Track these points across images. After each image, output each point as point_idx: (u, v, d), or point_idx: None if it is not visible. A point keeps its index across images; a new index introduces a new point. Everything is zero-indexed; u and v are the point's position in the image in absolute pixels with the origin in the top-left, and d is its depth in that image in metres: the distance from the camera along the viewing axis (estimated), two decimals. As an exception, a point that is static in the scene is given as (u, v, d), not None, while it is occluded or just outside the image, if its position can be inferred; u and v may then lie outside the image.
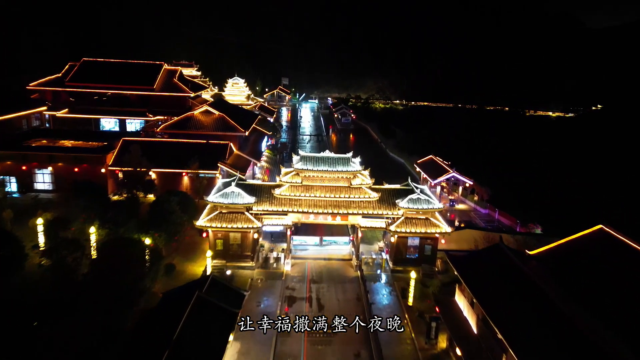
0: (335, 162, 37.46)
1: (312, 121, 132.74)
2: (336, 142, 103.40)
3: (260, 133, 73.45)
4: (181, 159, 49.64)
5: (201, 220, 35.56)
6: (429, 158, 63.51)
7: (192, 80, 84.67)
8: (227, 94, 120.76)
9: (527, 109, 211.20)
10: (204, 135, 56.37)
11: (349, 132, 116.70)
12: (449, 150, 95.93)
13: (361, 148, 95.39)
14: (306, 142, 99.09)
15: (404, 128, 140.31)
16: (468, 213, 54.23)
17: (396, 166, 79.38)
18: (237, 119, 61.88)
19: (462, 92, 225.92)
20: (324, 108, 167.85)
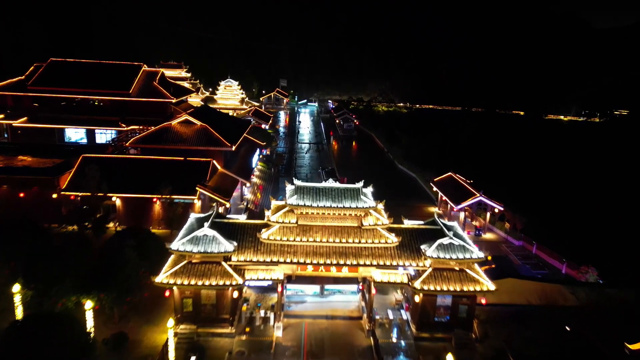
0: (341, 195, 28.81)
1: (312, 127, 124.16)
2: (338, 151, 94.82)
3: (252, 144, 64.81)
4: (153, 181, 40.99)
5: (162, 276, 26.90)
6: (447, 176, 54.84)
7: (175, 84, 75.99)
8: (219, 98, 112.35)
9: (545, 113, 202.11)
10: (183, 150, 47.73)
11: (352, 139, 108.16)
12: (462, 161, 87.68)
13: (366, 159, 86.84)
14: (305, 151, 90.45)
15: (409, 133, 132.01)
16: (499, 245, 45.59)
17: (406, 181, 70.74)
18: (223, 129, 53.23)
19: (468, 95, 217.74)
20: (324, 112, 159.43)
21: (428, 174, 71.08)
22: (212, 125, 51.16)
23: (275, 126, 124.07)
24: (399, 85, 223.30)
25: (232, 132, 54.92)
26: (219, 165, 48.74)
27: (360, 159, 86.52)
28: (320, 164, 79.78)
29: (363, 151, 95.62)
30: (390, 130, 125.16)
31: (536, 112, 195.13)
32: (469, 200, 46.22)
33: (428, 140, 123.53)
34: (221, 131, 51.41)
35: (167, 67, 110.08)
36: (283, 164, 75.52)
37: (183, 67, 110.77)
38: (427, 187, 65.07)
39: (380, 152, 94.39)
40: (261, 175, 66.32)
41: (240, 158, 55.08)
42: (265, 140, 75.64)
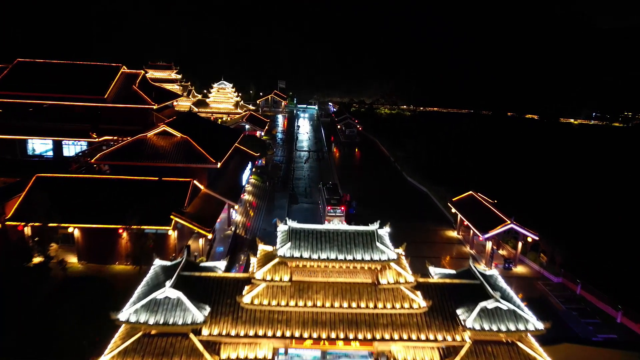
0: (350, 241, 21.81)
1: (311, 132, 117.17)
2: (339, 159, 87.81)
3: (243, 155, 57.81)
4: (120, 207, 34.09)
5: (105, 358, 19.82)
6: (467, 196, 47.87)
7: (159, 87, 69.05)
8: (212, 101, 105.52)
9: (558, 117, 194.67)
10: (159, 168, 40.72)
11: (355, 146, 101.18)
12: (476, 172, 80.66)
13: (370, 169, 79.77)
14: (304, 160, 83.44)
15: (414, 138, 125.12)
16: (533, 282, 38.59)
17: (418, 198, 63.65)
18: (209, 142, 46.27)
19: (474, 97, 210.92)
20: (325, 115, 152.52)
21: (441, 189, 64.20)
22: (195, 137, 44.14)
23: (272, 131, 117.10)
24: (402, 86, 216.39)
25: (219, 144, 47.90)
26: (202, 185, 41.77)
27: (365, 169, 79.44)
28: (321, 175, 72.79)
29: (367, 160, 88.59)
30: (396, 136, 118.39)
31: (551, 116, 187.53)
32: (498, 228, 39.21)
33: (437, 147, 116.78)
34: (206, 144, 44.41)
35: (155, 68, 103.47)
36: (279, 176, 68.51)
37: (173, 68, 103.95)
38: (441, 204, 58.08)
39: (386, 161, 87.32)
40: (254, 191, 59.31)
41: (228, 174, 48.02)
42: (260, 150, 68.65)
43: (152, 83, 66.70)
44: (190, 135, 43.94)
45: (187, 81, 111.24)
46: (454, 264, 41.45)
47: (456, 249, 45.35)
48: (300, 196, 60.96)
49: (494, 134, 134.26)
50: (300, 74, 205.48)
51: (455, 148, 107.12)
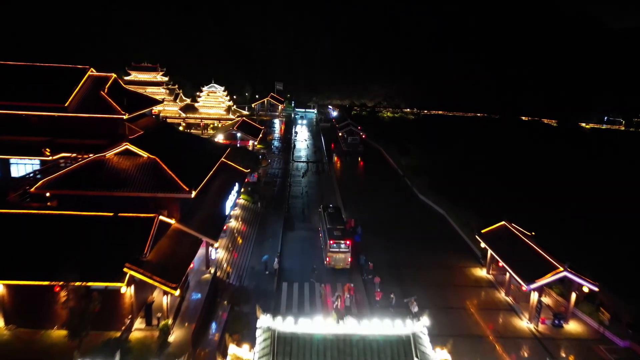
0: (372, 356, 13.63)
1: (310, 139, 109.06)
2: (341, 171, 79.70)
3: (230, 174, 49.69)
4: (60, 254, 26.07)
5: None
6: (500, 227, 39.84)
7: (136, 92, 61.05)
8: (201, 106, 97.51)
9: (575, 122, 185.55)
10: (119, 199, 32.65)
11: (357, 155, 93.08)
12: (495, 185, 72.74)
13: (377, 184, 71.53)
14: (301, 173, 75.34)
15: (419, 144, 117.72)
16: (594, 347, 30.50)
17: (434, 221, 55.50)
18: (184, 162, 38.24)
19: (481, 100, 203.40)
20: (325, 120, 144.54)
21: (459, 209, 56.14)
22: (167, 158, 36.01)
23: (267, 137, 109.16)
24: (405, 88, 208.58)
25: (197, 165, 39.74)
26: (173, 219, 33.67)
27: (369, 184, 71.23)
28: (321, 191, 64.68)
29: (372, 172, 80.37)
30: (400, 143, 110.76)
31: (570, 121, 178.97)
32: (548, 277, 31.16)
33: (448, 156, 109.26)
34: (180, 166, 36.31)
35: (139, 70, 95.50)
36: (273, 194, 60.30)
37: (159, 70, 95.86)
38: (463, 231, 50.03)
39: (393, 173, 79.10)
40: (242, 215, 51.18)
41: (208, 201, 39.83)
42: (252, 164, 60.50)
43: (125, 88, 58.56)
44: (161, 155, 35.79)
45: (174, 84, 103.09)
46: (485, 317, 33.46)
47: (487, 294, 37.29)
48: (296, 220, 52.83)
49: (512, 140, 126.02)
50: (298, 76, 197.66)
51: (469, 157, 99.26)
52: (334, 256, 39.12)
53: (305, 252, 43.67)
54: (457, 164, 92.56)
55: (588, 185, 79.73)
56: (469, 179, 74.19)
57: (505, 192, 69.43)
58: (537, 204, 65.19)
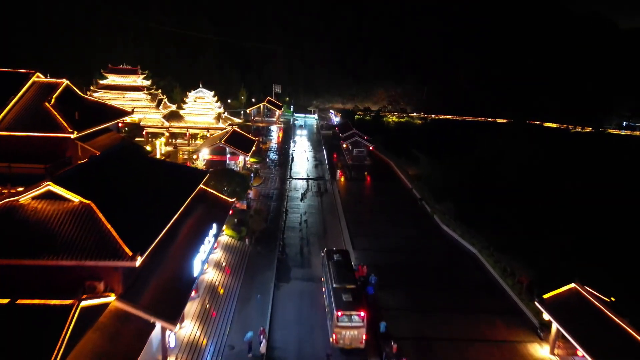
0: None
1: (311, 150, 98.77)
2: (346, 190, 69.27)
3: (208, 208, 39.53)
4: None
5: None
6: (569, 292, 29.60)
7: (96, 103, 50.89)
8: (188, 113, 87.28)
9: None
10: (31, 269, 22.45)
11: (364, 169, 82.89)
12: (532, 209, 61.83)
13: (389, 209, 61.00)
14: (300, 194, 64.97)
15: (427, 152, 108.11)
16: None
17: (464, 264, 45.09)
18: (135, 207, 27.95)
19: (492, 104, 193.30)
20: (326, 127, 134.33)
21: (494, 246, 45.84)
22: (109, 202, 25.78)
23: (262, 146, 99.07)
24: (411, 91, 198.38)
25: (155, 210, 29.31)
26: (113, 293, 23.45)
27: (381, 209, 60.50)
28: (323, 221, 54.40)
29: (382, 192, 69.81)
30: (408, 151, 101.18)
31: (599, 126, 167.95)
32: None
33: (461, 165, 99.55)
34: (127, 214, 26.15)
35: (117, 73, 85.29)
36: (265, 225, 49.95)
37: (139, 73, 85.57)
38: (504, 280, 39.70)
39: (408, 195, 68.57)
40: (225, 258, 40.91)
41: (170, 258, 29.43)
42: (240, 190, 50.21)
43: (84, 97, 48.42)
44: (100, 198, 25.52)
45: (157, 88, 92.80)
46: None
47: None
48: (293, 264, 42.63)
49: (536, 149, 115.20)
50: (297, 78, 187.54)
51: (492, 171, 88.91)
52: (343, 332, 28.90)
53: (304, 317, 33.47)
54: (478, 178, 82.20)
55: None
56: (498, 202, 63.69)
57: (546, 217, 59.05)
58: (599, 249, 48.91)
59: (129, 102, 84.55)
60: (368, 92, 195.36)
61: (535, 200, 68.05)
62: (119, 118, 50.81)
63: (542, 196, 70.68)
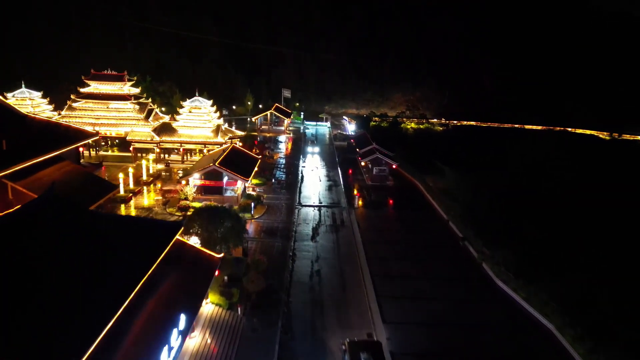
0: None
1: (324, 167, 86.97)
2: (365, 221, 57.38)
3: (184, 276, 28.32)
4: None
5: None
6: None
7: (44, 124, 40.05)
8: (182, 126, 76.47)
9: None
10: None
11: (386, 191, 71.01)
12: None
13: (421, 245, 49.37)
14: (311, 232, 53.24)
15: (451, 162, 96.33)
16: None
17: (539, 345, 32.82)
18: (59, 298, 16.37)
19: (520, 108, 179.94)
20: (340, 137, 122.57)
21: (575, 317, 33.59)
22: (16, 295, 14.30)
23: (268, 160, 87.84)
24: (431, 96, 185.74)
25: (96, 295, 17.84)
26: None
27: (413, 254, 48.26)
28: (340, 272, 42.58)
29: (411, 226, 57.44)
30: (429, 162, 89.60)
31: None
32: None
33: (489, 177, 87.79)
34: (47, 309, 14.61)
35: (100, 80, 74.82)
36: (264, 286, 38.17)
37: (125, 79, 74.90)
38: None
39: (442, 229, 56.50)
40: (206, 344, 29.37)
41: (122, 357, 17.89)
42: (232, 238, 38.62)
43: (23, 116, 37.45)
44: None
45: (147, 98, 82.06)
46: None
47: None
48: (301, 349, 31.04)
49: (585, 162, 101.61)
50: (308, 82, 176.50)
51: (533, 189, 76.51)
52: None
53: None
54: (515, 197, 69.83)
55: None
56: (554, 232, 51.21)
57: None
58: None
59: (113, 114, 74.15)
60: (384, 97, 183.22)
61: (611, 233, 55.24)
62: (78, 142, 39.77)
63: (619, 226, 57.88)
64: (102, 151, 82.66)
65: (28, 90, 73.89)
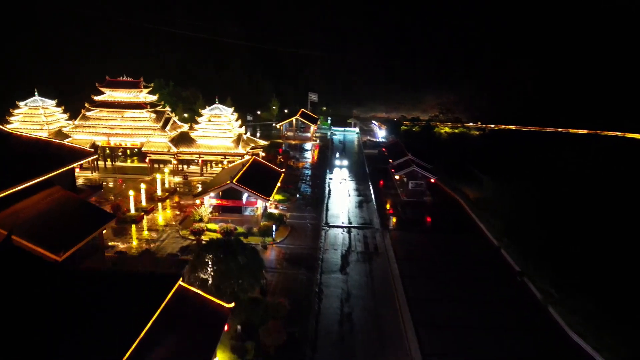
0: None
1: (352, 179, 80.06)
2: (401, 245, 50.23)
3: (185, 338, 22.01)
4: None
5: None
6: None
7: (32, 142, 34.87)
8: (200, 136, 71.41)
9: None
10: None
11: (424, 210, 63.54)
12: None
13: (475, 287, 41.44)
14: (340, 261, 46.56)
15: (489, 170, 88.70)
16: None
17: None
18: None
19: (563, 111, 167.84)
20: (370, 145, 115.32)
21: None
22: None
23: (293, 168, 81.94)
24: (467, 98, 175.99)
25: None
26: None
27: (462, 293, 40.67)
28: (376, 316, 35.79)
29: (456, 255, 49.87)
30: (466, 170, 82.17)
31: None
32: None
33: (532, 188, 79.96)
34: None
35: (115, 87, 70.59)
36: (284, 340, 31.54)
37: (141, 87, 70.44)
38: None
39: (492, 258, 48.82)
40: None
41: None
42: (245, 283, 32.43)
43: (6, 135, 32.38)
44: None
45: (164, 106, 77.47)
46: None
47: None
48: None
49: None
50: (336, 84, 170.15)
51: (585, 201, 67.53)
52: None
53: None
54: (565, 211, 61.14)
55: None
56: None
57: None
58: None
59: (128, 123, 69.77)
60: (416, 100, 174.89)
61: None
62: (72, 163, 34.55)
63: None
64: (120, 162, 78.86)
65: (41, 98, 70.51)
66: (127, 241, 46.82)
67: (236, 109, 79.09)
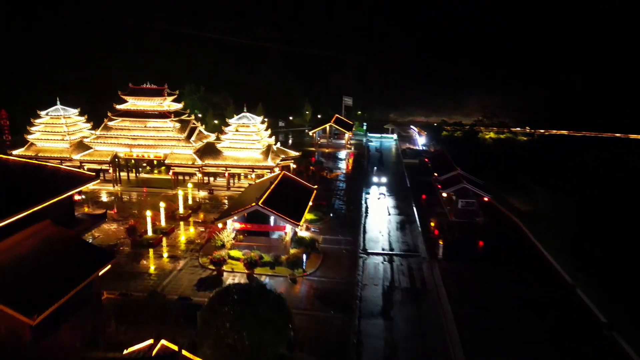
0: None
1: (392, 196, 72.53)
2: (457, 288, 42.71)
3: None
4: None
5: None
6: None
7: (23, 166, 29.84)
8: (227, 147, 66.30)
9: None
10: None
11: (477, 234, 55.56)
12: None
13: (551, 345, 33.66)
14: (381, 301, 39.68)
15: (540, 179, 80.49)
16: None
17: None
18: None
19: (620, 115, 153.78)
20: (410, 154, 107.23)
21: None
22: None
23: (327, 184, 75.63)
24: (512, 101, 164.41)
25: None
26: None
27: (531, 346, 33.23)
28: None
29: (517, 289, 42.25)
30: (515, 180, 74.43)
31: None
32: None
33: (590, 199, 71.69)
34: None
35: (137, 95, 66.52)
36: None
37: (165, 94, 66.05)
38: None
39: (566, 299, 40.58)
40: None
41: None
42: (268, 341, 26.22)
43: None
44: None
45: (189, 115, 72.92)
46: None
47: None
48: None
49: None
50: (372, 87, 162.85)
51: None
52: None
53: None
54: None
55: None
56: None
57: None
58: None
59: (151, 133, 65.54)
60: (457, 103, 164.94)
61: None
62: (67, 191, 29.46)
63: None
64: (144, 172, 75.13)
65: (63, 107, 67.50)
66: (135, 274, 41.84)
67: (267, 115, 73.94)
